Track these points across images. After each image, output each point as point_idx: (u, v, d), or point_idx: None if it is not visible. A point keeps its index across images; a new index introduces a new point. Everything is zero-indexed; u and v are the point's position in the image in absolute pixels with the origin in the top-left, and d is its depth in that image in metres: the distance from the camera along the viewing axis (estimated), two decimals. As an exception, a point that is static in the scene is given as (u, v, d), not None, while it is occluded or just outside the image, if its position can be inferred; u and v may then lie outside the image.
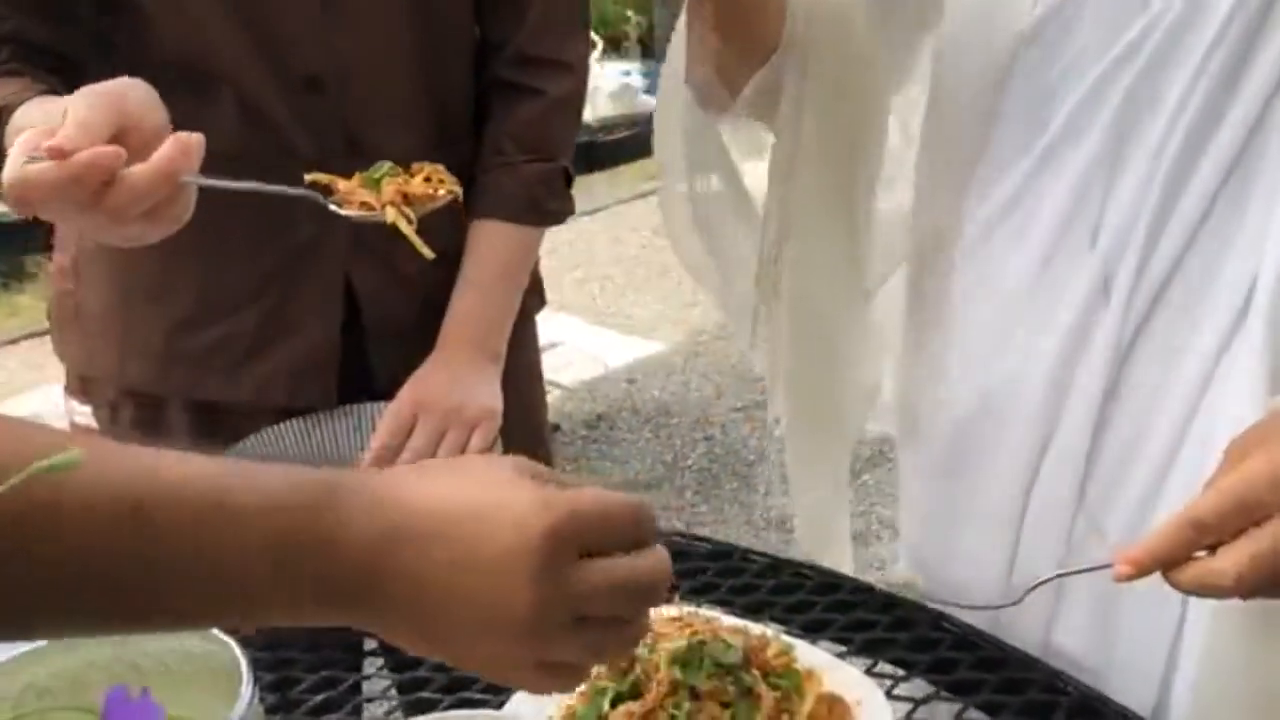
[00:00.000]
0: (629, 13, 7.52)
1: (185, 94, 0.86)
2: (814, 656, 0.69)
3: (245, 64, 0.88)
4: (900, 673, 0.73)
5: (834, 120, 0.78)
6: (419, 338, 0.93)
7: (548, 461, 1.18)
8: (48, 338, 1.04)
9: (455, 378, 0.90)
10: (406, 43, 0.93)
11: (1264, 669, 0.61)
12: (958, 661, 0.73)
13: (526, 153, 0.98)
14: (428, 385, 0.89)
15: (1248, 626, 0.60)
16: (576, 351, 3.39)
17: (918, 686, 0.72)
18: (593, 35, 2.23)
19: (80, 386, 0.98)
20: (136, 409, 0.95)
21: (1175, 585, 0.55)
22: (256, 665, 0.51)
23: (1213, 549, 0.53)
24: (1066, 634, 0.71)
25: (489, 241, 0.96)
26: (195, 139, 0.63)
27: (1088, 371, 0.67)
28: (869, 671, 0.71)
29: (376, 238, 0.93)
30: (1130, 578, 0.55)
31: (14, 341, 3.44)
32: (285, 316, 0.93)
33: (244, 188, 0.70)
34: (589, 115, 2.18)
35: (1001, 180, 0.72)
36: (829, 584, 0.82)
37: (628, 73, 2.83)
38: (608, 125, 4.41)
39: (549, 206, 1.00)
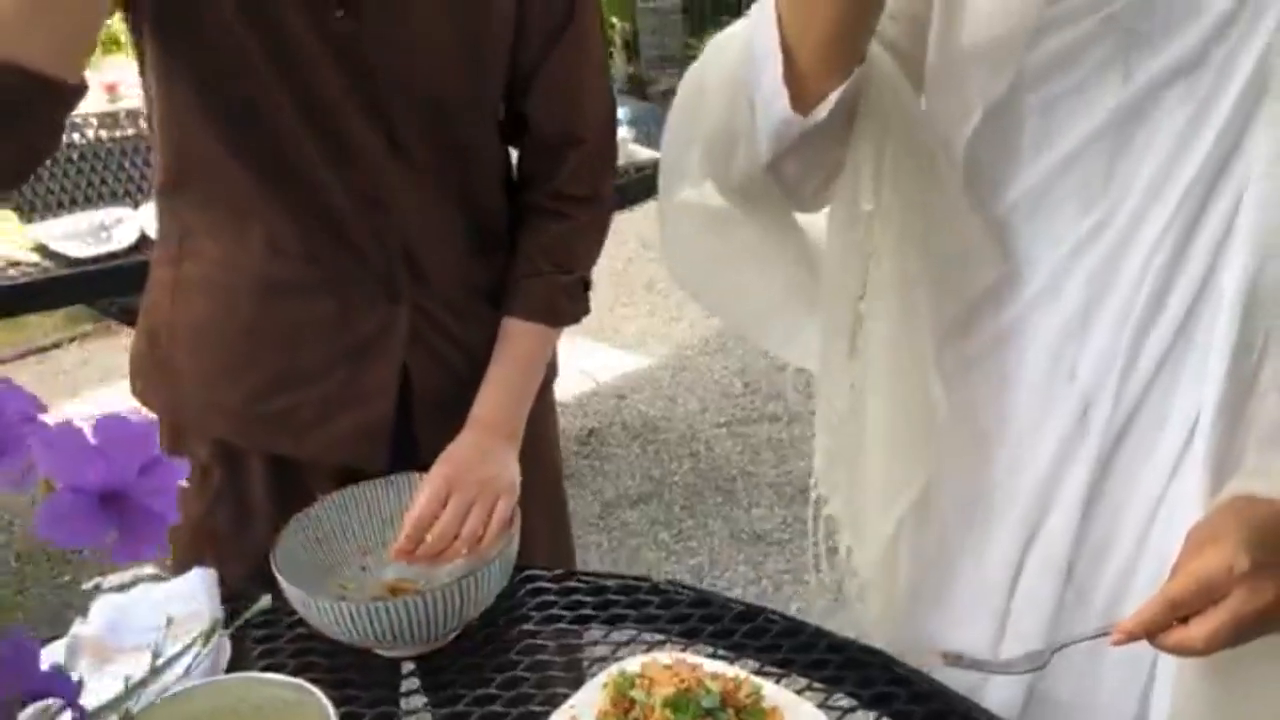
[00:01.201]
0: (613, 19, 7.65)
1: (279, 193, 1.02)
2: (779, 695, 0.86)
3: (329, 181, 1.02)
4: (852, 704, 0.91)
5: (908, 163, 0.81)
6: (457, 414, 1.09)
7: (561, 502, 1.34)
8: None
9: (483, 454, 1.06)
10: (450, 177, 1.08)
11: (1223, 704, 0.79)
12: (896, 695, 0.91)
13: (553, 265, 1.13)
14: (458, 461, 1.05)
15: (1207, 670, 0.78)
16: (568, 367, 3.55)
17: (863, 717, 0.90)
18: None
19: (172, 433, 1.10)
20: (223, 455, 1.10)
21: (1159, 648, 0.74)
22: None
23: (1185, 619, 0.71)
24: (1056, 680, 0.86)
25: (515, 338, 1.11)
26: None
27: (1073, 478, 0.82)
28: (823, 705, 0.89)
29: (434, 334, 1.10)
30: (1125, 643, 0.74)
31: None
32: (349, 393, 1.07)
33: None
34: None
35: (994, 319, 0.86)
36: (793, 628, 0.99)
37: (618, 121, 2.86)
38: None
39: (569, 310, 1.15)
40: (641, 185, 2.49)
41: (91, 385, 3.73)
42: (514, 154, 1.20)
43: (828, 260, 0.86)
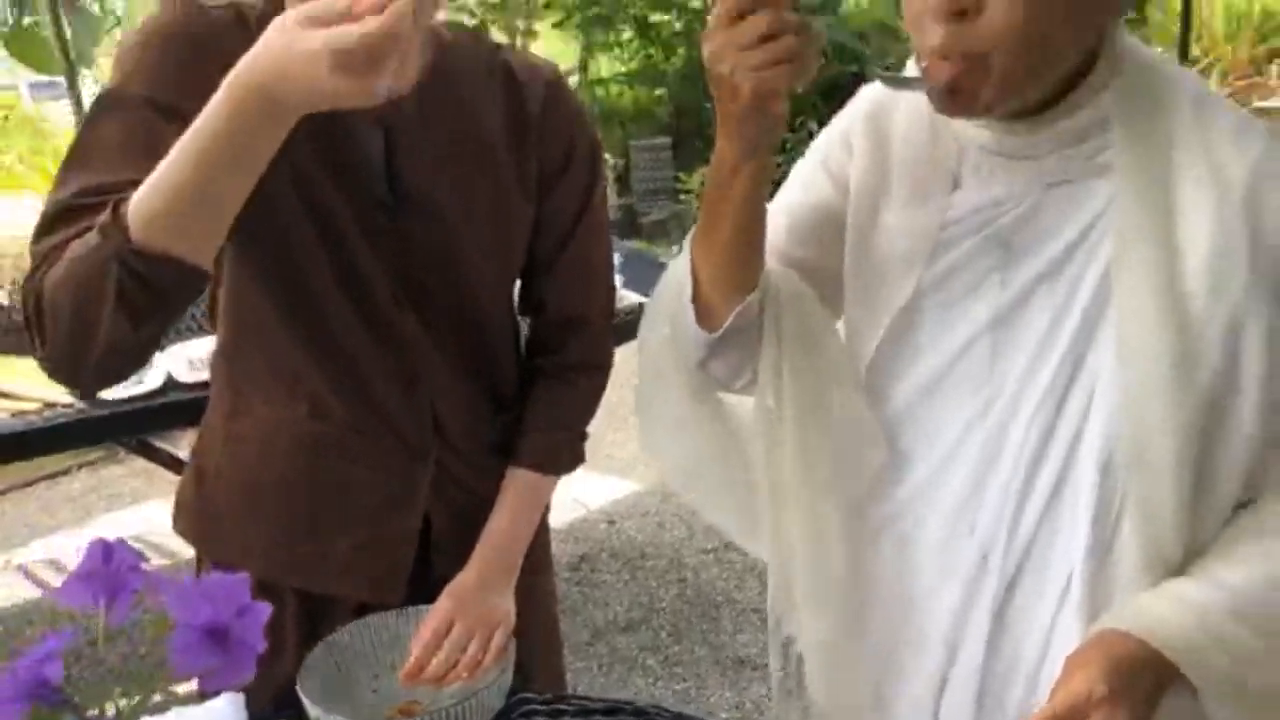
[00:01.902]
0: (607, 155, 8.03)
1: (324, 365, 1.15)
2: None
3: (369, 356, 1.16)
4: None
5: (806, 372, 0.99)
6: (469, 552, 1.23)
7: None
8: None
9: (482, 589, 1.20)
10: (472, 351, 1.22)
11: None
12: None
13: (556, 424, 1.28)
14: (460, 596, 1.19)
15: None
16: (561, 494, 3.68)
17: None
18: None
19: (212, 568, 1.22)
20: (258, 589, 1.23)
21: None
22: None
23: None
24: None
25: (518, 485, 1.26)
26: None
27: (978, 615, 0.96)
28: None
29: (452, 486, 1.24)
30: None
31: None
32: (376, 542, 1.21)
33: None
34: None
35: (897, 490, 1.00)
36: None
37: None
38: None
39: (567, 462, 1.30)
40: (629, 327, 2.66)
41: (100, 511, 3.85)
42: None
43: (752, 444, 1.03)
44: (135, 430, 2.39)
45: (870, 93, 1.04)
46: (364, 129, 1.10)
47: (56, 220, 0.96)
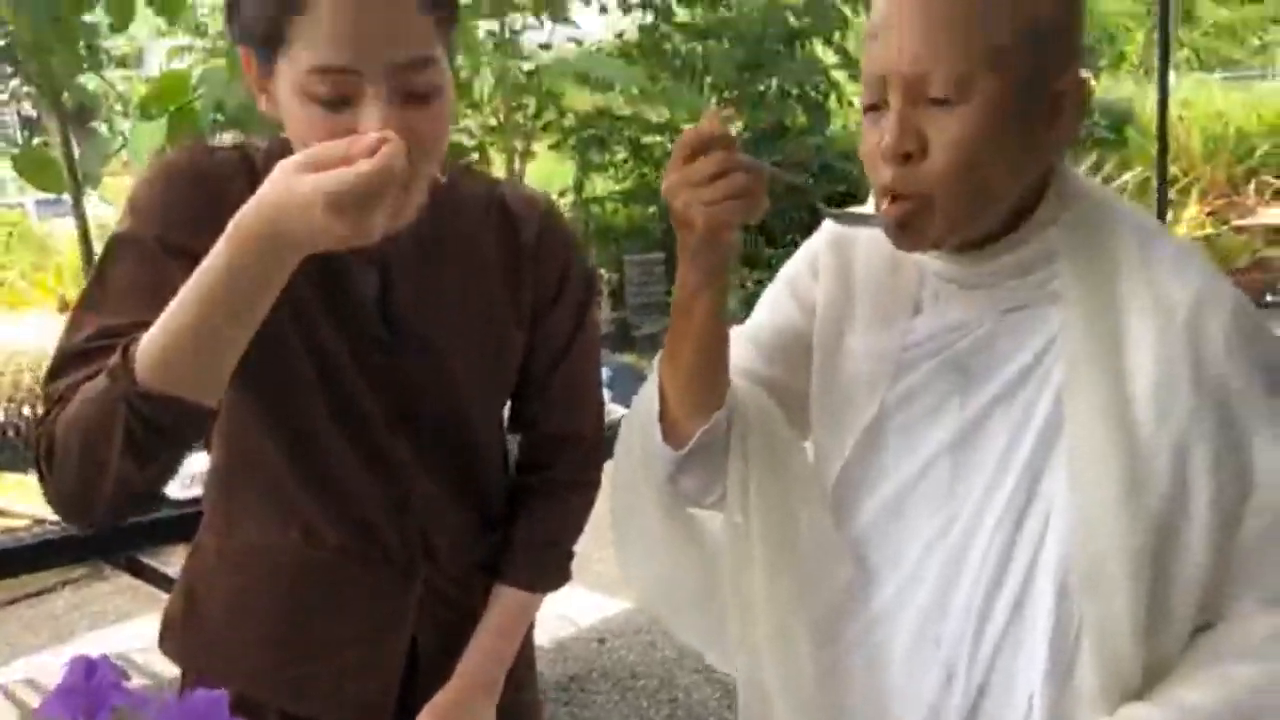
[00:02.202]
0: (602, 270, 8.17)
1: (317, 492, 1.16)
2: None
3: (361, 484, 1.17)
4: None
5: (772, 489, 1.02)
6: (454, 669, 1.22)
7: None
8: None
9: (464, 707, 1.19)
10: (463, 473, 1.23)
11: None
12: None
13: (544, 541, 1.28)
14: (443, 714, 1.18)
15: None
16: (548, 611, 3.64)
17: None
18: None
19: (197, 686, 1.23)
20: (242, 706, 1.15)
21: None
22: None
23: None
24: None
25: (504, 602, 1.25)
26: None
27: None
28: None
29: (440, 606, 1.24)
30: None
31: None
32: (363, 665, 1.21)
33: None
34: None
35: (865, 608, 1.02)
36: None
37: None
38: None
39: (554, 579, 1.30)
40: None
41: (83, 630, 3.81)
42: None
43: (723, 561, 1.06)
44: (126, 547, 2.39)
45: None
46: (360, 269, 1.13)
47: (69, 363, 0.99)
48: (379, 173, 0.82)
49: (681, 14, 8.67)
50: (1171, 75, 6.65)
